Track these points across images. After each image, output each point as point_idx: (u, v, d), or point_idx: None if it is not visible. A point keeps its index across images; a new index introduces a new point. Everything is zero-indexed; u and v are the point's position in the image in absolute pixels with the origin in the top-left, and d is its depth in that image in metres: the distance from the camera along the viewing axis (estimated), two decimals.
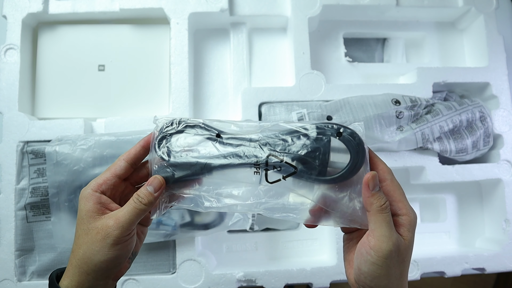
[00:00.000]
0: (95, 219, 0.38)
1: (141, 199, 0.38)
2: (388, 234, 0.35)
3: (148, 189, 0.38)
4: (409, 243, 0.36)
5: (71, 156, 0.63)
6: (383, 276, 0.35)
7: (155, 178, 0.39)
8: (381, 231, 0.35)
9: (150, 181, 0.38)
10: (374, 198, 0.36)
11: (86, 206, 0.38)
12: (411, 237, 0.37)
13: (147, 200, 0.38)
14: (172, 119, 0.40)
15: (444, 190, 0.77)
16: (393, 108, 0.68)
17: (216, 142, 0.39)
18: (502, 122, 0.73)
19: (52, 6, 0.72)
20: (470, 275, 0.72)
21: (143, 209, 0.38)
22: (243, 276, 0.65)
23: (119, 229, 0.37)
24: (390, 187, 0.38)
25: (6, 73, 0.68)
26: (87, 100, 0.72)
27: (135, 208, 0.38)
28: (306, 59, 0.72)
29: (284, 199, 0.38)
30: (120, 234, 0.37)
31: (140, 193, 0.38)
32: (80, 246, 0.38)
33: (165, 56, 0.74)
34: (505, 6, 0.82)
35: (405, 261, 0.36)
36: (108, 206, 0.39)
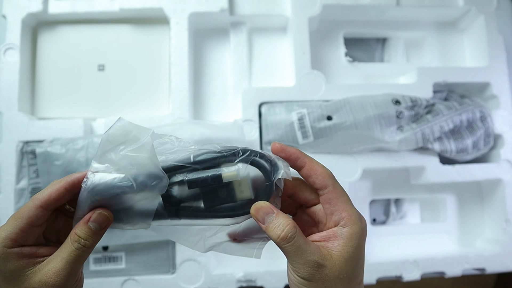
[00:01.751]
0: (27, 277, 0.30)
1: (84, 242, 0.30)
2: (301, 261, 0.31)
3: (91, 227, 0.30)
4: (344, 259, 0.31)
5: (64, 156, 0.63)
6: None
7: (100, 214, 0.31)
8: (293, 259, 0.31)
9: (92, 216, 0.31)
10: (270, 230, 0.32)
11: (8, 267, 0.30)
12: (348, 252, 0.31)
13: (91, 242, 0.30)
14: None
15: (445, 190, 0.77)
16: (393, 108, 0.68)
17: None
18: (502, 122, 0.73)
19: (52, 6, 0.71)
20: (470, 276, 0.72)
21: (88, 252, 0.31)
22: (243, 276, 0.65)
23: (63, 285, 0.30)
24: (332, 195, 0.33)
25: (5, 73, 0.68)
26: (87, 100, 0.72)
27: (77, 256, 0.30)
28: (306, 59, 0.71)
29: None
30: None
31: (81, 233, 0.30)
32: None
33: (165, 56, 0.74)
34: (505, 6, 0.82)
35: (341, 278, 0.31)
36: (37, 253, 0.31)
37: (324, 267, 0.31)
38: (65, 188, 0.31)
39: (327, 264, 0.31)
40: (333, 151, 0.69)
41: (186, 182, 0.32)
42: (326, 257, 0.31)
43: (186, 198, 0.33)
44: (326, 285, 0.31)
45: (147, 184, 0.31)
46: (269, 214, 0.32)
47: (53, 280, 0.30)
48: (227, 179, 0.32)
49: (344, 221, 0.32)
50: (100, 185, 0.31)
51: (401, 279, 0.68)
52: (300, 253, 0.31)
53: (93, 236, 0.30)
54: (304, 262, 0.31)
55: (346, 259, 0.31)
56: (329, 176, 0.33)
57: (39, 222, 0.31)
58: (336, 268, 0.31)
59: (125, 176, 0.31)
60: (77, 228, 0.31)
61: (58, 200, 0.31)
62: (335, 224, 0.33)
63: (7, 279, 0.30)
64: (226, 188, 0.32)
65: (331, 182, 0.33)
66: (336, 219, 0.33)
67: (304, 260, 0.31)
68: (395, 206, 0.79)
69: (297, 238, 0.31)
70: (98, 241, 0.31)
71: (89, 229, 0.30)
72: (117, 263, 0.66)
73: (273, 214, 0.32)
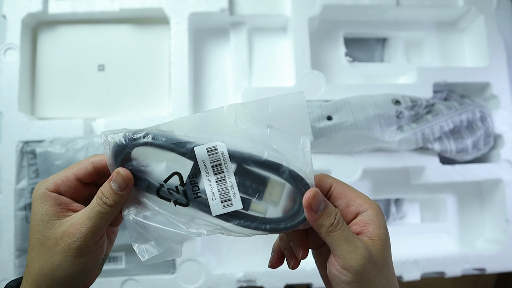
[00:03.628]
0: (53, 225, 0.31)
1: (106, 200, 0.31)
2: (352, 249, 0.30)
3: (112, 186, 0.31)
4: (383, 241, 0.32)
5: (64, 156, 0.63)
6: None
7: (118, 173, 0.31)
8: (344, 249, 0.30)
9: (112, 176, 0.31)
10: (322, 218, 0.31)
11: (42, 208, 0.31)
12: (384, 233, 0.32)
13: (112, 201, 0.31)
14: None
15: (445, 190, 0.77)
16: (393, 108, 0.68)
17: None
18: (502, 122, 0.73)
19: (52, 6, 0.71)
20: (470, 276, 0.71)
21: (109, 212, 0.31)
22: (243, 276, 0.65)
23: (82, 239, 0.30)
24: (340, 188, 0.33)
25: (5, 73, 0.68)
26: (87, 100, 0.72)
27: (99, 213, 0.31)
28: (306, 59, 0.71)
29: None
30: (84, 245, 0.30)
31: (104, 191, 0.31)
32: (35, 260, 0.31)
33: (165, 56, 0.74)
34: (505, 6, 0.82)
35: (385, 264, 0.32)
36: (70, 206, 0.32)
37: (371, 255, 0.31)
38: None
39: (373, 251, 0.31)
40: (333, 151, 0.69)
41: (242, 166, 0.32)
42: (369, 243, 0.31)
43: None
44: (376, 274, 0.31)
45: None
46: (322, 202, 0.31)
47: (73, 231, 0.30)
48: (273, 183, 0.32)
49: (363, 206, 0.32)
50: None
51: (401, 279, 0.68)
52: (350, 240, 0.30)
53: (114, 196, 0.31)
54: (355, 250, 0.30)
55: (385, 240, 0.32)
56: (326, 176, 0.34)
57: (85, 178, 0.32)
58: (381, 254, 0.31)
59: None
60: (103, 186, 0.32)
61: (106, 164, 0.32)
62: (355, 214, 0.33)
63: (37, 222, 0.31)
64: (257, 184, 0.32)
65: (331, 180, 0.33)
66: (353, 209, 0.33)
67: (355, 247, 0.30)
68: (395, 206, 0.79)
69: (345, 225, 0.31)
70: (119, 203, 0.31)
71: (111, 188, 0.31)
72: (117, 263, 0.66)
73: (324, 203, 0.31)
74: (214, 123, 0.32)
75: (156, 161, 0.32)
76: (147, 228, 0.32)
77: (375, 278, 0.31)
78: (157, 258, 0.32)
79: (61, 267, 0.30)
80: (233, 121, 0.32)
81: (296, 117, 0.32)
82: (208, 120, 0.33)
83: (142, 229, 0.32)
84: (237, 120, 0.32)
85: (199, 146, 0.32)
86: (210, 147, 0.32)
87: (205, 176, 0.32)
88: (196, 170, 0.32)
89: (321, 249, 0.36)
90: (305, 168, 0.32)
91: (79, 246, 0.30)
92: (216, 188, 0.32)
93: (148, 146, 0.32)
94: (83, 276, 0.32)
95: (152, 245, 0.32)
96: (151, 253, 0.32)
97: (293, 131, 0.32)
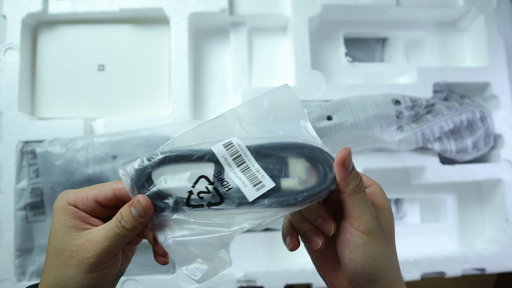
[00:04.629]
0: (71, 236, 0.32)
1: (124, 224, 0.31)
2: (369, 212, 0.32)
3: (132, 212, 0.31)
4: (388, 212, 0.34)
5: (64, 156, 0.63)
6: (379, 256, 0.32)
7: (138, 202, 0.31)
8: (362, 210, 0.32)
9: (133, 201, 0.31)
10: (351, 177, 0.32)
11: (62, 219, 0.32)
12: (388, 204, 0.35)
13: (131, 225, 0.31)
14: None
15: (445, 190, 0.77)
16: (393, 108, 0.68)
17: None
18: (502, 122, 0.73)
19: (52, 6, 0.71)
20: (470, 276, 0.71)
21: (127, 235, 0.31)
22: (243, 276, 0.65)
23: (97, 256, 0.31)
24: None
25: (5, 73, 0.68)
26: (87, 100, 0.72)
27: (116, 234, 0.31)
28: (306, 59, 0.71)
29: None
30: (98, 262, 0.31)
31: (124, 214, 0.31)
32: (50, 269, 0.32)
33: (165, 56, 0.74)
34: (505, 6, 0.82)
35: (392, 233, 0.34)
36: (89, 220, 0.33)
37: (380, 220, 0.33)
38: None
39: (381, 218, 0.33)
40: (333, 151, 0.69)
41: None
42: (378, 211, 0.34)
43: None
44: (386, 239, 0.33)
45: None
46: (352, 162, 0.33)
47: (89, 246, 0.31)
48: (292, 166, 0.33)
49: (368, 181, 0.35)
50: None
51: None
52: (368, 203, 0.32)
53: (132, 221, 0.31)
54: (371, 212, 0.32)
55: (389, 211, 0.34)
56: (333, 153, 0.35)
57: (104, 201, 0.33)
58: (387, 222, 0.34)
59: None
60: (123, 209, 0.32)
61: (129, 197, 0.32)
62: None
63: (55, 232, 0.32)
64: (279, 164, 0.33)
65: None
66: None
67: (371, 210, 0.32)
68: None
69: (365, 190, 0.33)
70: (137, 228, 0.32)
71: (130, 213, 0.31)
72: None
73: (352, 163, 0.33)
74: (220, 128, 0.34)
75: (179, 175, 0.33)
76: (189, 246, 0.32)
77: (385, 244, 0.33)
78: (209, 274, 0.33)
79: (73, 279, 0.31)
80: (237, 122, 0.34)
81: (290, 105, 0.35)
82: (213, 127, 0.34)
83: (185, 249, 0.32)
84: (240, 120, 0.34)
85: (215, 145, 0.33)
86: (225, 143, 0.33)
87: (230, 170, 0.33)
88: (220, 168, 0.33)
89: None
90: (315, 141, 0.34)
91: (93, 263, 0.31)
92: (244, 177, 0.33)
93: (167, 164, 0.32)
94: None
95: (200, 262, 0.32)
96: (202, 270, 0.32)
97: (291, 118, 0.35)
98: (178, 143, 0.33)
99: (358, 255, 0.32)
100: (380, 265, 0.32)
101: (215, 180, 0.33)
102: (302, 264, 0.67)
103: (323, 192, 0.33)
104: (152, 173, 0.32)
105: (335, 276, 0.35)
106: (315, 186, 0.33)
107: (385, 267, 0.32)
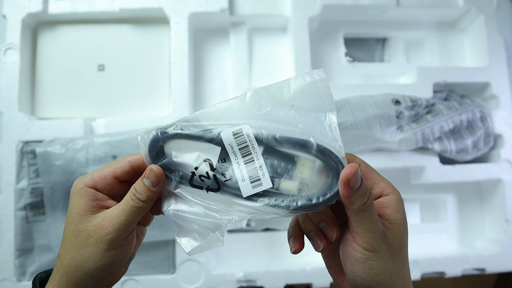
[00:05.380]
0: (87, 218, 0.32)
1: (139, 195, 0.32)
2: (374, 229, 0.31)
3: (145, 183, 0.32)
4: (400, 225, 0.32)
5: (64, 156, 0.63)
6: (382, 272, 0.31)
7: (151, 170, 0.32)
8: (366, 228, 0.31)
9: (146, 173, 0.32)
10: (356, 196, 0.30)
11: (79, 203, 0.33)
12: (401, 218, 0.32)
13: (145, 196, 0.32)
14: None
15: (445, 190, 0.77)
16: (393, 108, 0.68)
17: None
18: (502, 122, 0.73)
19: (52, 6, 0.71)
20: (470, 276, 0.71)
21: (142, 207, 0.32)
22: (243, 276, 0.65)
23: (115, 232, 0.32)
24: (367, 170, 0.34)
25: (5, 73, 0.68)
26: (87, 100, 0.72)
27: (132, 207, 0.32)
28: (306, 59, 0.71)
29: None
30: (116, 238, 0.32)
31: (137, 187, 0.33)
32: (67, 251, 0.33)
33: (165, 56, 0.74)
34: (505, 6, 0.82)
35: (401, 248, 0.32)
36: (105, 203, 0.34)
37: (388, 237, 0.31)
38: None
39: (389, 233, 0.32)
40: None
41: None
42: (386, 225, 0.32)
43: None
44: (391, 255, 0.31)
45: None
46: (359, 180, 0.31)
47: (107, 223, 0.32)
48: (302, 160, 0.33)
49: (386, 190, 0.33)
50: None
51: None
52: (374, 221, 0.31)
53: (146, 192, 0.32)
54: (376, 230, 0.31)
55: (402, 225, 0.32)
56: (354, 157, 0.34)
57: (122, 176, 0.34)
58: (397, 237, 0.32)
59: None
60: (136, 183, 0.33)
61: (144, 162, 0.34)
62: (377, 196, 0.33)
63: (72, 215, 0.33)
64: (286, 162, 0.33)
65: (359, 160, 0.34)
66: (377, 191, 0.33)
67: (376, 228, 0.31)
68: None
69: (374, 207, 0.31)
70: (152, 199, 0.33)
71: (144, 184, 0.32)
72: None
73: (360, 181, 0.31)
74: (239, 109, 0.33)
75: (188, 153, 0.33)
76: (186, 220, 0.33)
77: (391, 260, 0.31)
78: (201, 248, 0.33)
79: (91, 258, 0.32)
80: (257, 105, 0.33)
81: (319, 94, 0.32)
82: (232, 107, 0.33)
83: (181, 222, 0.33)
84: (261, 104, 0.33)
85: (225, 131, 0.32)
86: (235, 130, 0.32)
87: (234, 159, 0.33)
88: (225, 155, 0.33)
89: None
90: (334, 143, 0.32)
91: (111, 239, 0.32)
92: (245, 170, 0.33)
93: (178, 138, 0.33)
94: (111, 270, 0.33)
95: (195, 237, 0.33)
96: (194, 244, 0.33)
97: (317, 108, 0.33)
98: (194, 119, 0.33)
99: (359, 269, 0.31)
100: (383, 280, 0.31)
101: (217, 167, 0.33)
102: (302, 264, 0.67)
103: (319, 206, 0.32)
104: (165, 145, 0.33)
105: (341, 278, 0.35)
106: (314, 197, 0.32)
107: (388, 282, 0.31)
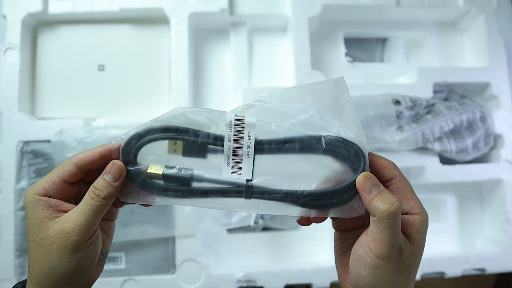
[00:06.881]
0: (47, 226, 0.32)
1: (99, 192, 0.32)
2: (391, 240, 0.30)
3: (106, 178, 0.32)
4: (418, 246, 0.32)
5: (76, 149, 0.63)
6: (385, 282, 0.31)
7: (113, 164, 0.32)
8: (383, 236, 0.30)
9: (107, 168, 0.32)
10: (376, 201, 0.31)
11: (35, 213, 0.32)
12: (421, 239, 0.32)
13: (106, 193, 0.32)
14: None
15: (445, 190, 0.77)
16: (393, 108, 0.68)
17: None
18: (502, 122, 0.73)
19: (52, 5, 0.71)
20: (470, 276, 0.71)
21: (102, 204, 0.32)
22: (243, 276, 0.65)
23: (76, 234, 0.31)
24: (400, 184, 0.33)
25: (5, 73, 0.68)
26: (87, 99, 0.72)
27: (92, 206, 0.31)
28: (306, 59, 0.71)
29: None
30: (79, 240, 0.31)
31: (97, 184, 0.32)
32: (34, 261, 0.32)
33: (165, 56, 0.74)
34: (505, 6, 0.82)
35: (412, 266, 0.32)
36: (62, 207, 0.33)
37: (403, 252, 0.31)
38: (100, 153, 0.33)
39: (405, 250, 0.31)
40: None
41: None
42: (405, 242, 0.32)
43: None
44: (399, 270, 0.31)
45: None
46: (376, 186, 0.31)
47: (67, 227, 0.31)
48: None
49: (414, 209, 0.33)
50: None
51: None
52: (396, 233, 0.30)
53: (107, 187, 0.32)
54: (393, 242, 0.30)
55: (419, 246, 0.32)
56: (394, 167, 0.33)
57: (71, 179, 0.33)
58: (411, 255, 0.32)
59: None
60: (96, 181, 0.32)
61: (92, 162, 0.33)
62: (404, 213, 0.33)
63: (32, 226, 0.32)
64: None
65: (397, 173, 0.33)
66: (405, 207, 0.33)
67: (394, 240, 0.30)
68: None
69: (399, 217, 0.31)
70: (113, 195, 0.32)
71: (104, 180, 0.32)
72: (117, 263, 0.66)
73: (380, 188, 0.31)
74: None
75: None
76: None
77: (397, 273, 0.31)
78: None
79: (59, 264, 0.31)
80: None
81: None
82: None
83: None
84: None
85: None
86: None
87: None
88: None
89: (347, 234, 0.36)
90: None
91: (74, 242, 0.31)
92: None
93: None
94: (82, 272, 0.33)
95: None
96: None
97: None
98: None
99: (365, 273, 0.31)
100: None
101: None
102: (302, 264, 0.67)
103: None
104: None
105: (345, 276, 0.36)
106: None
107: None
